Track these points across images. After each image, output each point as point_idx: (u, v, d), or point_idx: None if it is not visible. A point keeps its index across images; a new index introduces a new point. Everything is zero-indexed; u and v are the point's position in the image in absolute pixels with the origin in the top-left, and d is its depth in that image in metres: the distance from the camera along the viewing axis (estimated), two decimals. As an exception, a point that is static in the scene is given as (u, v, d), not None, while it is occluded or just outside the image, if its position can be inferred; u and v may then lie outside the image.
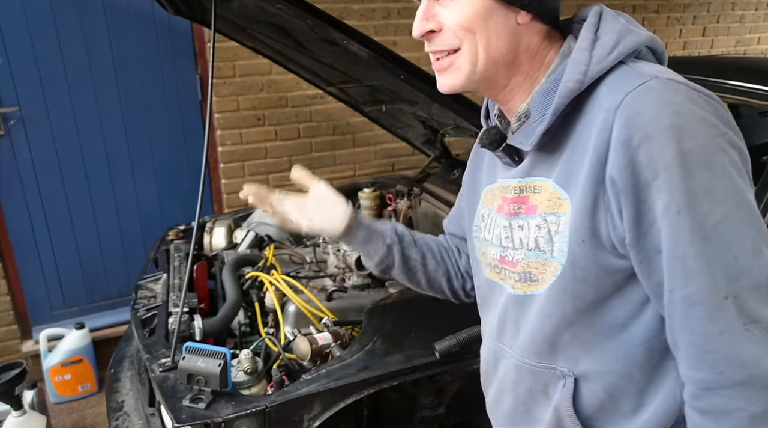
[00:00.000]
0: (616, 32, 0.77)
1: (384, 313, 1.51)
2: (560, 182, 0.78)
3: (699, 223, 0.67)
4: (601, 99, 0.74)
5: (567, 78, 0.75)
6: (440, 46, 0.81)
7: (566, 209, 0.77)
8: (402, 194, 2.43)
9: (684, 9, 3.92)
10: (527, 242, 0.83)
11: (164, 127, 2.89)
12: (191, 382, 1.25)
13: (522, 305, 0.87)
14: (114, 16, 2.65)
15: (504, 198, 0.90)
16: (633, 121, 0.69)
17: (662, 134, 0.67)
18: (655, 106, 0.69)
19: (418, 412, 1.57)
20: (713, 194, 0.67)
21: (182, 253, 2.02)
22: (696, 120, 0.68)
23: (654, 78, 0.71)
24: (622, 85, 0.72)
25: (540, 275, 0.82)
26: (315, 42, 1.85)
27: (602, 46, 0.76)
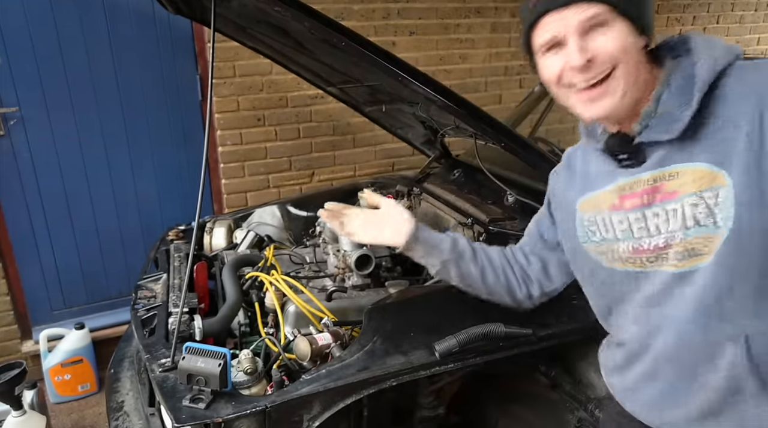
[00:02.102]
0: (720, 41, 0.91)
1: (384, 313, 1.51)
2: (714, 160, 0.86)
3: None
4: (737, 86, 0.85)
5: (701, 67, 0.87)
6: (597, 72, 0.89)
7: (723, 181, 0.85)
8: (402, 194, 2.43)
9: (684, 9, 3.93)
10: (685, 221, 0.90)
11: (164, 127, 2.89)
12: (191, 382, 1.25)
13: (683, 280, 0.93)
14: (114, 15, 2.65)
15: (634, 194, 0.96)
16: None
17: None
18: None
19: (418, 412, 1.58)
20: None
21: (182, 253, 2.02)
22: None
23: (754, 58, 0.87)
24: (750, 73, 0.86)
25: (705, 247, 0.88)
26: (315, 42, 1.85)
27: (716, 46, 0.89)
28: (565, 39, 0.89)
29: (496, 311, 1.38)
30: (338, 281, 1.89)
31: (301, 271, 1.98)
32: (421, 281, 1.98)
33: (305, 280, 1.87)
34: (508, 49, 3.38)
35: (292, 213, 2.44)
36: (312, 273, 1.96)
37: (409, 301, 1.62)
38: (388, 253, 2.14)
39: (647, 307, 0.99)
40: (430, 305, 1.59)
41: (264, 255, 1.98)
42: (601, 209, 1.02)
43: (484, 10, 3.25)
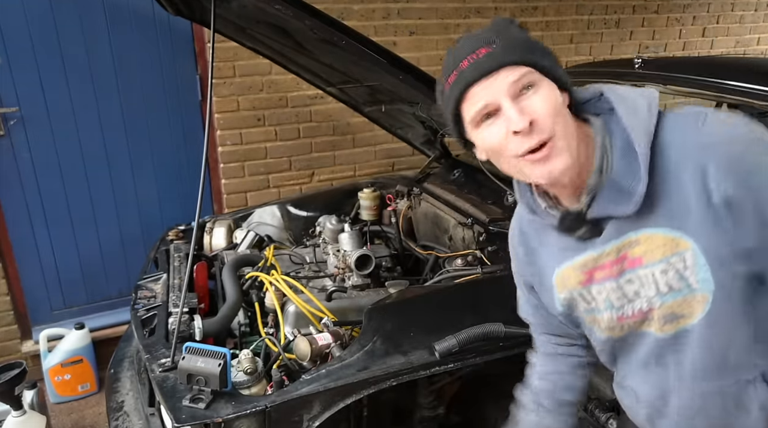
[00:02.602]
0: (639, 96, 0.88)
1: (384, 313, 1.51)
2: (670, 224, 0.85)
3: None
4: (676, 144, 0.83)
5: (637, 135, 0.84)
6: (542, 135, 0.83)
7: (687, 246, 0.83)
8: (402, 194, 2.43)
9: (684, 9, 3.92)
10: (658, 288, 0.88)
11: (164, 127, 2.89)
12: (191, 382, 1.25)
13: (677, 341, 0.91)
14: (114, 16, 2.64)
15: (601, 267, 0.94)
16: (722, 147, 0.80)
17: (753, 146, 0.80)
18: (732, 126, 0.82)
19: (418, 412, 1.58)
20: None
21: (182, 253, 2.02)
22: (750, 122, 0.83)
23: (706, 111, 0.83)
24: (687, 127, 0.84)
25: (686, 310, 0.87)
26: (315, 42, 1.85)
27: (640, 107, 0.87)
28: (499, 106, 0.84)
29: (496, 312, 1.38)
30: (338, 281, 1.89)
31: (301, 271, 1.98)
32: (421, 281, 1.98)
33: (305, 280, 1.87)
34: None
35: (292, 213, 2.45)
36: (312, 273, 1.97)
37: (409, 301, 1.62)
38: (388, 253, 2.14)
39: (650, 367, 0.98)
40: (430, 305, 1.60)
41: (264, 255, 1.98)
42: (573, 287, 1.00)
43: (484, 10, 3.25)
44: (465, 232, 1.99)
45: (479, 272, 1.72)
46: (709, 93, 2.09)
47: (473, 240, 1.94)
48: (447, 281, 1.75)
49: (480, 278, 1.69)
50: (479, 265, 1.77)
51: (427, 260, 2.06)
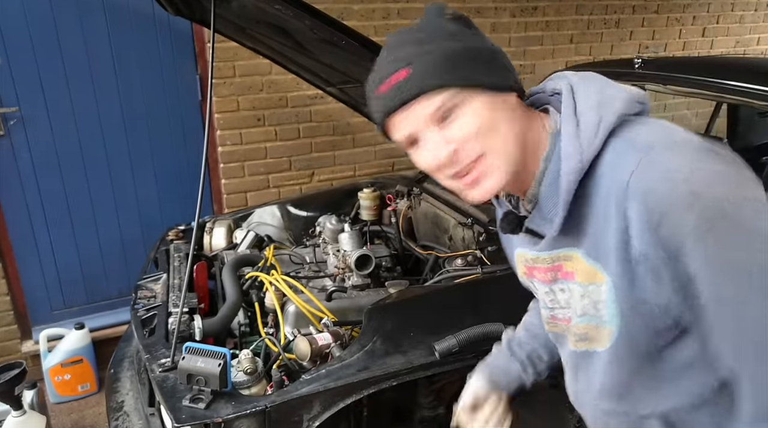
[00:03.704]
0: (594, 108, 0.79)
1: (384, 313, 1.51)
2: (590, 254, 0.81)
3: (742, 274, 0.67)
4: (607, 178, 0.76)
5: (566, 171, 0.78)
6: (467, 159, 0.79)
7: (602, 279, 0.80)
8: (402, 194, 2.43)
9: (684, 9, 3.92)
10: (576, 308, 0.88)
11: (164, 127, 2.89)
12: (191, 382, 1.25)
13: (587, 359, 0.92)
14: (114, 16, 2.65)
15: (538, 268, 0.94)
16: (647, 199, 0.70)
17: (679, 208, 0.68)
18: (663, 180, 0.69)
19: (418, 412, 1.57)
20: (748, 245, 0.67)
21: (182, 253, 2.02)
22: (708, 178, 0.68)
23: (651, 150, 0.71)
24: (623, 163, 0.73)
25: (597, 336, 0.86)
26: (315, 42, 1.85)
27: (586, 128, 0.77)
28: (422, 135, 0.80)
29: (496, 312, 1.38)
30: (338, 281, 1.89)
31: (301, 271, 1.98)
32: (421, 281, 1.98)
33: (305, 280, 1.87)
34: (508, 48, 3.38)
35: (292, 213, 2.45)
36: (312, 273, 1.97)
37: (409, 301, 1.62)
38: (388, 253, 2.14)
39: (570, 371, 1.00)
40: (430, 305, 1.60)
41: (264, 255, 1.98)
42: (521, 273, 1.02)
43: (484, 10, 3.25)
44: (465, 232, 1.99)
45: (479, 272, 1.72)
46: (709, 93, 2.09)
47: (473, 240, 1.94)
48: (447, 281, 1.75)
49: (480, 278, 1.69)
50: (479, 265, 1.77)
51: (427, 260, 2.06)
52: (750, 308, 0.68)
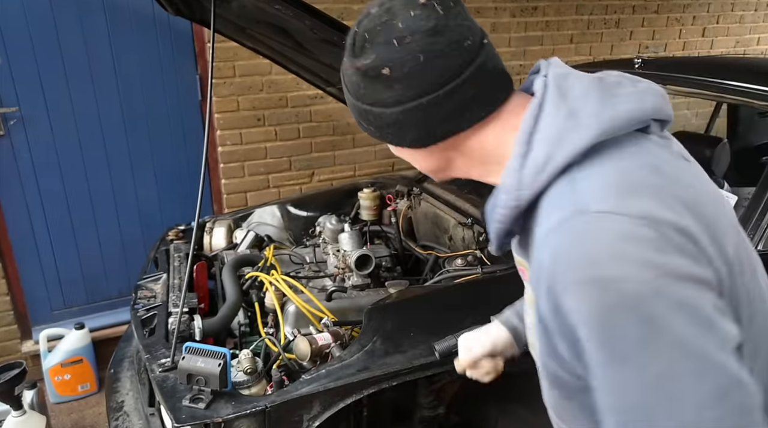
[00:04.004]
0: (549, 140, 0.69)
1: (384, 313, 1.51)
2: (532, 280, 0.72)
3: (632, 378, 0.60)
4: (541, 219, 0.69)
5: (502, 204, 0.73)
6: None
7: (534, 310, 0.75)
8: (402, 194, 2.43)
9: (684, 9, 3.92)
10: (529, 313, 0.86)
11: (164, 127, 2.89)
12: (191, 382, 1.25)
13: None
14: (114, 16, 2.64)
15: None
16: (552, 267, 0.64)
17: (579, 289, 0.61)
18: (571, 253, 0.63)
19: (418, 412, 1.57)
20: (645, 350, 0.59)
21: (182, 253, 2.02)
22: (623, 267, 0.60)
23: (577, 214, 0.63)
24: (552, 213, 0.67)
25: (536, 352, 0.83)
26: (315, 42, 1.85)
27: (532, 164, 0.69)
28: None
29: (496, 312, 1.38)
30: (338, 281, 1.89)
31: (301, 271, 1.98)
32: (421, 281, 1.98)
33: (305, 280, 1.87)
34: (508, 48, 3.38)
35: (292, 213, 2.45)
36: (312, 273, 1.97)
37: (409, 301, 1.62)
38: (388, 253, 2.14)
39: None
40: (430, 305, 1.60)
41: (264, 255, 1.98)
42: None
43: (484, 10, 3.25)
44: (465, 232, 1.99)
45: (479, 272, 1.72)
46: (709, 93, 2.09)
47: (473, 240, 1.94)
48: (447, 281, 1.75)
49: (480, 278, 1.69)
50: (479, 265, 1.77)
51: (427, 260, 2.06)
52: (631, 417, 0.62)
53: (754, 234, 1.56)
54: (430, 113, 0.73)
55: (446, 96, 0.71)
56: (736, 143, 2.93)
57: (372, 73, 0.72)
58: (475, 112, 0.74)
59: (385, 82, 0.72)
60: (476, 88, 0.72)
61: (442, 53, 0.70)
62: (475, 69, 0.71)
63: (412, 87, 0.71)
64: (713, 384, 0.59)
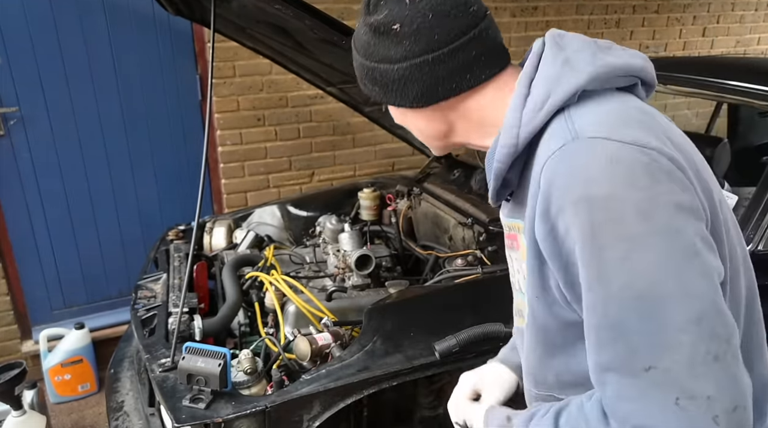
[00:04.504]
0: (548, 80, 0.74)
1: (384, 313, 1.51)
2: (525, 230, 0.77)
3: (614, 296, 0.64)
4: (538, 156, 0.73)
5: (501, 143, 0.76)
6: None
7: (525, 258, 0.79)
8: (402, 194, 2.43)
9: (684, 9, 3.92)
10: (515, 281, 0.89)
11: (164, 127, 2.89)
12: (191, 382, 1.25)
13: (520, 337, 0.93)
14: (114, 16, 2.64)
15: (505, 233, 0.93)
16: (549, 191, 0.68)
17: (572, 208, 0.65)
18: (567, 174, 0.67)
19: (418, 412, 1.57)
20: (631, 267, 0.63)
21: (182, 253, 2.02)
22: (612, 185, 0.64)
23: (573, 140, 0.68)
24: (549, 144, 0.71)
25: (523, 311, 0.86)
26: (315, 42, 1.85)
27: (532, 101, 0.74)
28: None
29: (496, 312, 1.38)
30: (338, 281, 1.89)
31: (301, 271, 1.98)
32: (421, 281, 1.98)
33: (305, 280, 1.87)
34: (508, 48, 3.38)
35: (292, 213, 2.45)
36: (312, 273, 1.97)
37: (409, 301, 1.62)
38: (387, 253, 2.14)
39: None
40: (430, 305, 1.59)
41: (264, 255, 1.98)
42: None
43: (484, 10, 3.25)
44: (465, 232, 1.99)
45: (479, 272, 1.72)
46: (709, 93, 2.09)
47: (473, 240, 1.94)
48: (447, 281, 1.75)
49: (480, 278, 1.69)
50: (479, 265, 1.77)
51: (427, 260, 2.06)
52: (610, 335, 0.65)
53: (755, 234, 1.56)
54: (434, 70, 0.77)
55: (451, 54, 0.77)
56: (736, 143, 2.93)
57: (383, 29, 0.78)
58: (476, 73, 0.79)
59: (395, 38, 0.77)
60: (478, 50, 0.78)
61: (449, 14, 0.76)
62: (478, 32, 0.78)
63: (420, 43, 0.76)
64: (691, 308, 0.63)
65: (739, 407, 0.63)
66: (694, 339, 0.63)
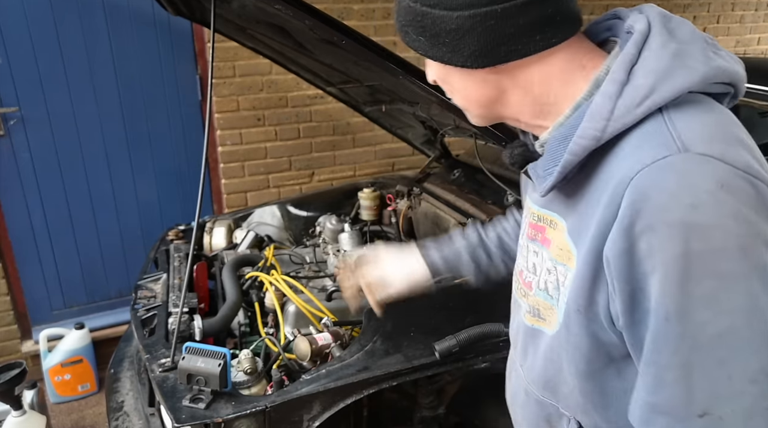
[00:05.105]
0: (655, 72, 0.63)
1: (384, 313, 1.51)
2: (572, 233, 0.71)
3: (691, 334, 0.59)
4: (622, 158, 0.63)
5: (581, 133, 0.65)
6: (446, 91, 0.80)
7: (573, 265, 0.70)
8: (402, 194, 2.43)
9: (684, 9, 3.92)
10: (539, 280, 0.80)
11: (164, 127, 2.89)
12: (191, 382, 1.25)
13: (532, 336, 0.84)
14: (114, 16, 2.65)
15: (529, 219, 0.85)
16: (639, 205, 0.59)
17: (667, 230, 0.58)
18: (668, 192, 0.58)
19: (418, 412, 1.57)
20: (716, 305, 0.58)
21: (182, 253, 2.02)
22: (719, 215, 0.57)
23: (681, 152, 0.59)
24: (644, 150, 0.61)
25: (549, 317, 0.78)
26: (315, 42, 1.85)
27: (632, 93, 0.63)
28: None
29: (496, 312, 1.38)
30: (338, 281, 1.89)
31: (301, 271, 1.98)
32: (421, 281, 1.98)
33: (305, 280, 1.87)
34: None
35: (292, 213, 2.45)
36: (312, 273, 1.96)
37: (409, 301, 1.62)
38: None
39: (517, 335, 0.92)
40: (430, 305, 1.59)
41: (264, 255, 1.98)
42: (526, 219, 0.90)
43: (484, 10, 3.25)
44: (465, 232, 1.99)
45: (479, 272, 1.71)
46: (709, 93, 2.08)
47: (473, 240, 1.93)
48: (447, 281, 1.74)
49: (480, 278, 1.68)
50: (479, 265, 1.76)
51: (427, 260, 2.05)
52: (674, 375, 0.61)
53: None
54: (500, 24, 0.65)
55: (523, 7, 0.65)
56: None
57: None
58: (548, 35, 0.67)
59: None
60: (555, 7, 0.66)
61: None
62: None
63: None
64: (766, 358, 0.58)
65: None
66: (761, 390, 0.59)
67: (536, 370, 0.84)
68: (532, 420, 0.90)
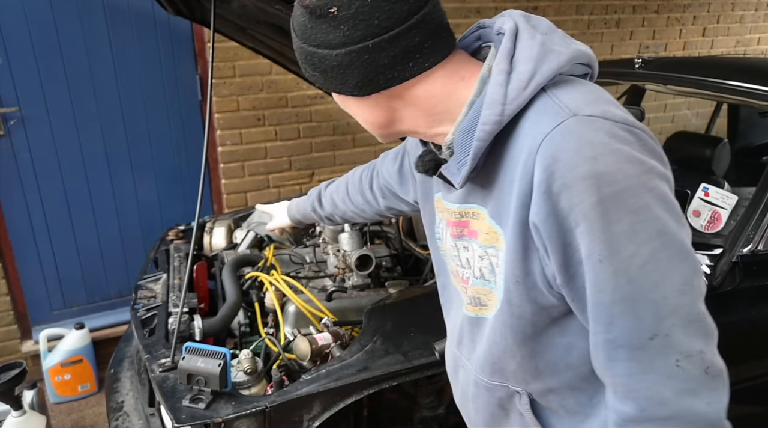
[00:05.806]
0: (532, 59, 0.73)
1: (384, 313, 1.51)
2: (494, 216, 0.79)
3: (623, 268, 0.67)
4: (524, 136, 0.72)
5: (483, 120, 0.73)
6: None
7: (502, 244, 0.78)
8: (402, 194, 2.43)
9: (684, 9, 3.93)
10: (474, 270, 0.87)
11: (164, 127, 2.89)
12: (191, 382, 1.25)
13: (476, 326, 0.91)
14: (114, 16, 2.65)
15: (449, 220, 0.92)
16: (551, 168, 0.67)
17: (581, 184, 0.66)
18: (572, 151, 0.66)
19: (418, 412, 1.57)
20: (637, 237, 0.66)
21: (182, 253, 2.02)
22: (617, 161, 0.66)
23: (572, 116, 0.68)
24: (542, 123, 0.70)
25: (488, 302, 0.86)
26: (315, 42, 1.85)
27: (517, 78, 0.72)
28: None
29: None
30: (338, 281, 1.89)
31: (301, 271, 1.98)
32: (421, 281, 1.98)
33: (305, 280, 1.87)
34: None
35: (292, 213, 2.44)
36: (312, 273, 1.96)
37: (409, 301, 1.62)
38: (388, 253, 2.14)
39: (455, 332, 0.99)
40: (430, 305, 1.59)
41: (264, 255, 1.98)
42: (443, 220, 0.95)
43: (484, 10, 3.25)
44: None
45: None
46: (709, 93, 2.09)
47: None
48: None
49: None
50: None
51: (427, 260, 2.05)
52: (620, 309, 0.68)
53: (755, 234, 1.56)
54: (374, 57, 0.73)
55: (391, 41, 0.73)
56: (736, 143, 2.93)
57: (319, 12, 0.73)
58: (419, 61, 0.75)
59: (332, 21, 0.72)
60: (422, 37, 0.74)
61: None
62: (421, 17, 0.73)
63: (359, 29, 0.72)
64: (687, 271, 0.68)
65: (716, 352, 0.69)
66: (692, 298, 0.68)
67: (482, 356, 0.90)
68: (486, 409, 0.95)
